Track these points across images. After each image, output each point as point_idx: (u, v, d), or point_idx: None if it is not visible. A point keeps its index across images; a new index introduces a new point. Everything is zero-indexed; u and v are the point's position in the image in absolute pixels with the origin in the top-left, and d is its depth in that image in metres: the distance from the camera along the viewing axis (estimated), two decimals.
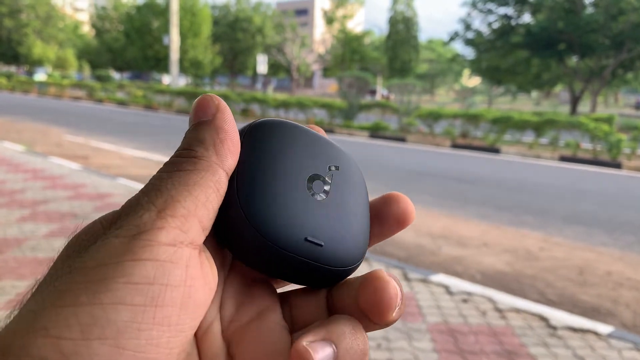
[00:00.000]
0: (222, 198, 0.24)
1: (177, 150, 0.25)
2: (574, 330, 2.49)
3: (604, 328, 2.53)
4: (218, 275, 0.25)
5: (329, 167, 0.28)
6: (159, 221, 0.21)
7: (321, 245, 0.26)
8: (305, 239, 0.25)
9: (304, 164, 0.27)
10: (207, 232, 0.24)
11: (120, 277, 0.20)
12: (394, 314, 0.25)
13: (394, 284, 0.25)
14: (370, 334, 2.58)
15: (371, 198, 0.30)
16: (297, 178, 0.27)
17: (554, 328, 2.50)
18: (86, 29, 59.07)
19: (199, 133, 0.25)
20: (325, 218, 0.27)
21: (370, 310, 0.25)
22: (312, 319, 0.27)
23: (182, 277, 0.21)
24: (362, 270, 0.27)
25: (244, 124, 0.28)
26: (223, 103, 0.26)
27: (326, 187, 0.28)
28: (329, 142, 0.30)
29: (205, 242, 0.24)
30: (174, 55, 26.02)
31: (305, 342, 0.23)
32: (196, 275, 0.22)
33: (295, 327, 0.27)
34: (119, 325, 0.19)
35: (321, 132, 0.31)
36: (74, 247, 0.23)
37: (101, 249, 0.21)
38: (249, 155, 0.26)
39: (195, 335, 0.25)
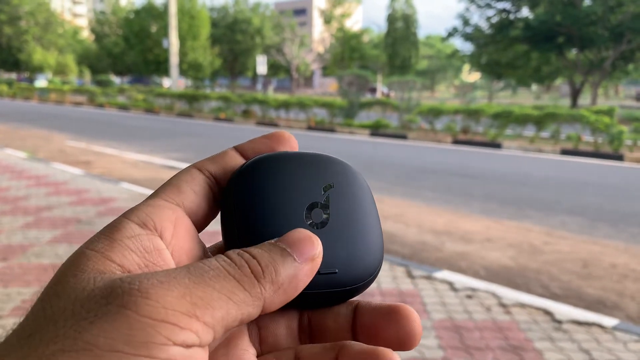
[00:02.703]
0: (240, 322, 0.23)
1: (253, 258, 0.24)
2: (579, 323, 2.50)
3: (609, 321, 2.53)
4: None
5: (323, 188, 0.28)
6: (184, 319, 0.20)
7: (335, 273, 0.26)
8: (319, 273, 0.25)
9: (300, 194, 0.27)
10: (215, 342, 0.24)
11: None
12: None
13: (418, 317, 0.26)
14: None
15: (377, 211, 0.29)
16: (295, 212, 0.27)
17: (559, 322, 2.51)
18: (86, 34, 59.17)
19: (282, 266, 0.24)
20: (333, 242, 0.27)
21: (400, 339, 0.25)
22: (281, 341, 0.27)
23: None
24: None
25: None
26: (320, 255, 0.25)
27: (325, 213, 0.27)
28: (320, 159, 0.29)
29: None
30: (174, 58, 26.05)
31: None
32: None
33: (263, 349, 0.27)
34: None
35: (291, 141, 0.30)
36: (81, 291, 0.21)
37: (116, 324, 0.20)
38: (244, 197, 0.26)
39: None
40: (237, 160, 0.29)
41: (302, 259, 0.24)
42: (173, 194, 0.26)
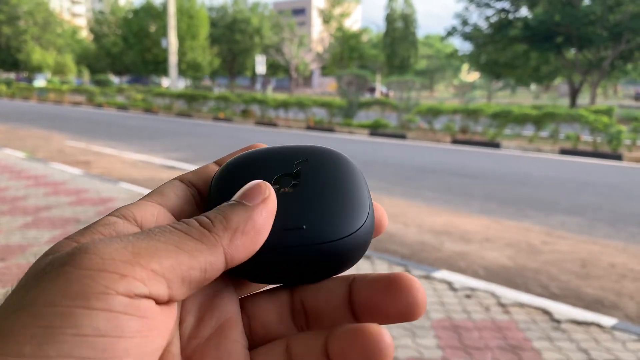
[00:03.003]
0: (209, 280, 0.23)
1: (202, 215, 0.24)
2: (578, 323, 2.50)
3: (608, 320, 2.53)
4: None
5: (296, 162, 0.28)
6: (125, 267, 0.20)
7: (302, 228, 0.25)
8: (284, 229, 0.25)
9: (271, 171, 0.28)
10: (173, 301, 0.22)
11: (69, 328, 0.18)
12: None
13: (420, 285, 0.25)
14: None
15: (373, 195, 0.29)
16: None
17: (558, 322, 2.51)
18: (84, 34, 59.15)
19: (231, 212, 0.24)
20: (300, 203, 0.26)
21: (402, 312, 0.24)
22: (273, 330, 0.26)
23: (136, 328, 0.20)
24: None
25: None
26: (274, 196, 0.25)
27: (295, 180, 0.27)
28: (303, 147, 0.29)
29: None
30: (173, 58, 26.04)
31: None
32: (153, 325, 0.21)
33: (255, 340, 0.26)
34: None
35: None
36: (39, 267, 0.21)
37: (57, 281, 0.19)
38: (220, 188, 0.27)
39: None
40: None
41: (253, 202, 0.24)
42: (156, 196, 0.27)
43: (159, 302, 0.21)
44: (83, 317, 0.19)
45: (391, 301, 0.24)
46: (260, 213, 0.24)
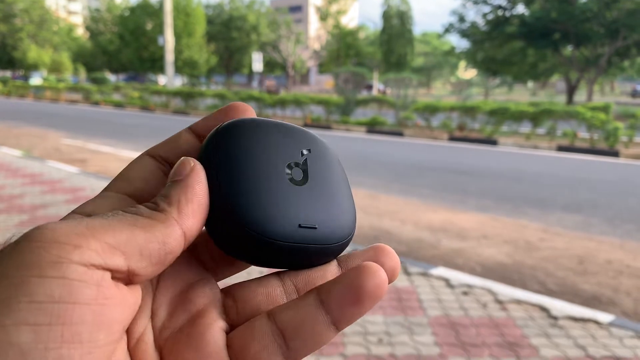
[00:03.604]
0: (171, 253, 0.23)
1: (143, 203, 0.25)
2: (575, 319, 2.50)
3: (605, 317, 2.54)
4: (145, 285, 0.25)
5: (301, 152, 0.29)
6: (79, 238, 0.20)
7: (315, 228, 0.26)
8: (299, 226, 0.26)
9: (278, 154, 0.28)
10: (138, 276, 0.22)
11: (23, 296, 0.19)
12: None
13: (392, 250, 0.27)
14: (370, 328, 2.60)
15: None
16: (275, 170, 0.27)
17: (555, 318, 2.51)
18: (80, 32, 58.94)
19: (167, 190, 0.24)
20: (312, 201, 0.27)
21: (389, 274, 0.26)
22: (261, 311, 0.26)
23: (91, 295, 0.20)
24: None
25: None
26: (199, 165, 0.25)
27: (304, 173, 0.28)
28: (293, 127, 0.30)
29: None
30: (169, 55, 25.99)
31: None
32: (110, 295, 0.21)
33: (241, 322, 0.26)
34: (22, 347, 0.18)
35: (248, 112, 0.30)
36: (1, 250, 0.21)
37: (12, 254, 0.20)
38: (226, 157, 0.27)
39: (128, 347, 0.24)
40: (192, 142, 0.29)
41: (183, 175, 0.25)
42: (121, 183, 0.26)
43: (118, 276, 0.21)
44: (37, 285, 0.19)
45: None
46: (193, 180, 0.24)
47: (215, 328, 0.25)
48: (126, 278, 0.22)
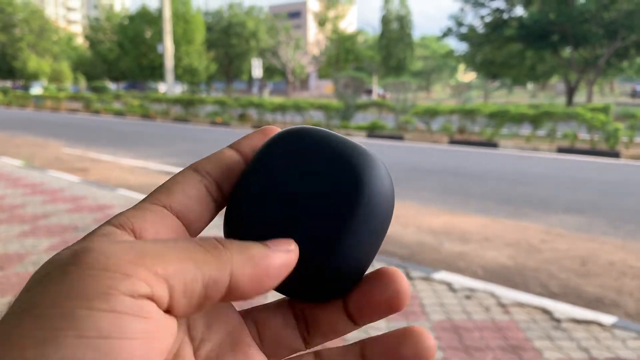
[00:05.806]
0: (206, 303, 0.22)
1: (218, 238, 0.23)
2: (578, 322, 2.50)
3: (608, 319, 2.53)
4: None
5: (344, 179, 0.28)
6: (129, 266, 0.19)
7: (325, 264, 0.25)
8: (332, 255, 0.25)
9: (300, 183, 0.27)
10: (171, 314, 0.21)
11: (71, 330, 0.18)
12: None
13: (403, 276, 0.27)
14: (373, 334, 2.56)
15: None
16: (288, 197, 0.26)
17: (558, 321, 2.51)
18: (80, 41, 59.13)
19: (251, 244, 0.23)
20: (349, 237, 0.25)
21: (390, 301, 0.26)
22: (282, 337, 0.27)
23: (140, 329, 0.19)
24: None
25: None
26: (296, 253, 0.24)
27: (330, 207, 0.26)
28: (348, 148, 0.30)
29: None
30: (169, 63, 26.05)
31: None
32: (157, 326, 0.20)
33: (265, 346, 0.26)
34: None
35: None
36: (43, 271, 0.20)
37: (59, 281, 0.19)
38: (251, 175, 0.27)
39: None
40: (234, 158, 0.28)
41: (275, 249, 0.24)
42: (162, 196, 0.25)
43: (161, 307, 0.20)
44: (85, 319, 0.18)
45: (379, 292, 0.26)
46: (281, 258, 0.23)
47: (257, 350, 0.26)
48: (166, 309, 0.21)
